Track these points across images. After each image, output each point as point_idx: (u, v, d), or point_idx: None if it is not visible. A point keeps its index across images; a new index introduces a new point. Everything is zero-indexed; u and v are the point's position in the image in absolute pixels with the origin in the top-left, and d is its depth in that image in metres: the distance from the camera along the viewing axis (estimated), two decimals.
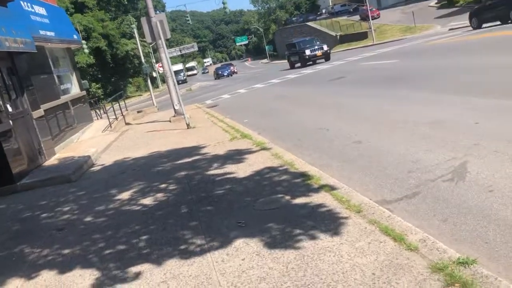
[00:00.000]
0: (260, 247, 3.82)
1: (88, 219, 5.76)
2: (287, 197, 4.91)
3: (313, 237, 3.79)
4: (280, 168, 6.20)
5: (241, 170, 6.55)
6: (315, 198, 4.71)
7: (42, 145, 10.44)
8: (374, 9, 58.29)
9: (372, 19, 50.12)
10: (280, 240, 3.85)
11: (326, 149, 7.18)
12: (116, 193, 6.83)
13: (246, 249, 3.83)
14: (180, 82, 68.61)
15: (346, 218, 4.06)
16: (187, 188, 6.22)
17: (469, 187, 4.37)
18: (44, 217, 6.33)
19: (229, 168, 6.85)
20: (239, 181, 6.01)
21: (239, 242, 3.99)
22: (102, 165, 9.68)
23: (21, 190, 8.45)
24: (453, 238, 3.55)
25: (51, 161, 10.55)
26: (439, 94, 9.11)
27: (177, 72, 73.01)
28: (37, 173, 9.27)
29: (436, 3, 51.96)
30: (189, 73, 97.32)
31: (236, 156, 7.62)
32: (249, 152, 7.70)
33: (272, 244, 3.83)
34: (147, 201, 5.99)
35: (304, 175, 5.58)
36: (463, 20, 35.97)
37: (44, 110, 11.33)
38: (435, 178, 4.81)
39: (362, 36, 52.73)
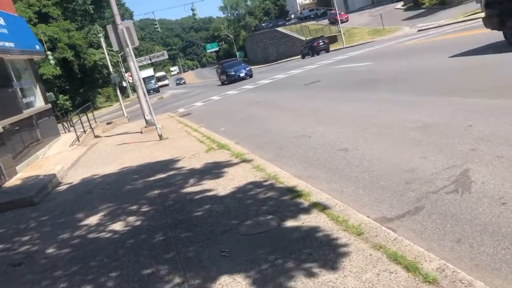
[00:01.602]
0: (249, 284, 3.27)
1: (51, 250, 5.09)
2: (276, 219, 4.37)
3: (310, 269, 3.26)
4: (265, 183, 5.66)
5: (221, 186, 5.99)
6: (308, 219, 4.18)
7: (1, 165, 9.62)
8: (342, 13, 58.70)
9: (341, 23, 50.40)
10: (272, 275, 3.31)
11: (311, 159, 6.69)
12: (82, 217, 6.16)
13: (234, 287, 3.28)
14: (152, 91, 64.66)
15: (346, 243, 3.55)
16: (162, 209, 5.62)
17: (478, 200, 3.93)
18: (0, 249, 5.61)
19: (208, 184, 6.27)
20: (220, 199, 5.44)
21: (224, 278, 3.43)
22: (68, 184, 8.95)
23: None
24: (473, 264, 3.08)
25: (12, 181, 9.74)
26: (422, 96, 8.76)
27: (147, 79, 67.14)
28: None
29: (402, 5, 52.68)
30: (160, 83, 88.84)
31: (214, 169, 7.05)
32: (228, 164, 7.15)
33: (262, 280, 3.28)
34: (117, 226, 5.35)
35: (292, 191, 5.06)
36: (430, 21, 36.50)
37: (3, 127, 10.49)
38: (437, 190, 4.36)
39: (332, 39, 52.87)
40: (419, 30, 31.78)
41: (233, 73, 33.22)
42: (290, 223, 4.21)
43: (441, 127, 6.33)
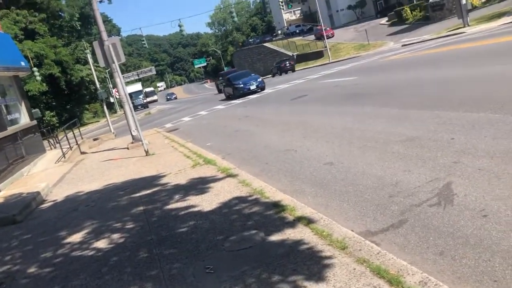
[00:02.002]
0: None
1: (32, 270, 4.99)
2: (261, 234, 4.36)
3: (295, 284, 3.25)
4: (250, 198, 5.66)
5: (206, 202, 5.96)
6: (293, 234, 4.18)
7: None
8: (328, 29, 59.50)
9: (327, 38, 51.03)
10: None
11: (297, 173, 6.71)
12: (66, 235, 6.07)
13: None
14: (140, 107, 62.25)
15: (330, 257, 3.54)
16: (146, 226, 5.56)
17: (460, 212, 3.97)
18: None
19: (193, 200, 6.24)
20: (205, 215, 5.42)
21: None
22: (53, 201, 8.83)
23: None
24: (456, 277, 3.10)
25: None
26: (406, 110, 8.87)
27: (135, 95, 64.19)
28: None
29: (387, 21, 53.59)
30: (149, 99, 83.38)
31: (200, 185, 7.02)
32: (214, 180, 7.13)
33: None
34: (101, 244, 5.28)
35: (277, 205, 5.06)
36: (414, 36, 37.14)
37: None
38: (420, 203, 4.40)
39: (318, 55, 53.54)
40: (403, 45, 32.29)
41: (241, 85, 27.30)
42: (275, 238, 4.20)
43: (424, 141, 6.41)
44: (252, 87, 26.93)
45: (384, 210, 4.48)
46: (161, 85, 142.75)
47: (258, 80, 27.76)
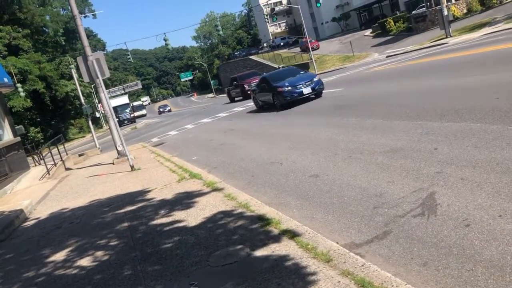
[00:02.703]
0: None
1: None
2: (246, 249, 4.33)
3: None
4: (235, 212, 5.63)
5: (191, 217, 5.92)
6: (278, 248, 4.16)
7: None
8: (313, 41, 60.06)
9: (312, 50, 51.47)
10: None
11: (283, 185, 6.70)
12: (49, 253, 5.97)
13: None
14: (126, 121, 58.92)
15: (315, 271, 3.53)
16: (131, 242, 5.50)
17: (443, 222, 3.99)
18: None
19: (178, 215, 6.19)
20: (190, 230, 5.37)
21: None
22: (36, 219, 8.69)
23: None
24: (439, 287, 3.10)
25: None
26: (391, 121, 8.95)
27: (120, 108, 60.85)
28: None
29: (371, 33, 54.27)
30: (137, 113, 77.68)
31: (185, 200, 6.97)
32: (200, 194, 7.09)
33: None
34: (85, 262, 5.20)
35: (262, 219, 5.04)
36: (398, 47, 37.67)
37: None
38: (404, 214, 4.41)
39: (304, 67, 53.67)
40: (387, 56, 32.70)
41: (288, 88, 17.56)
42: (259, 252, 4.18)
43: (408, 151, 6.46)
44: (306, 91, 17.26)
45: (368, 222, 4.49)
46: (146, 99, 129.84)
47: (314, 79, 17.99)
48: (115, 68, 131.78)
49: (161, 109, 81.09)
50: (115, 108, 44.23)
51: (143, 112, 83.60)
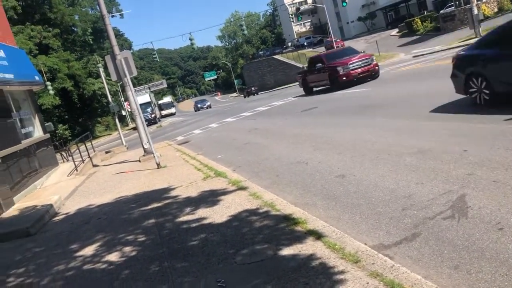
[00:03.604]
0: None
1: (45, 282, 5.02)
2: (272, 247, 4.33)
3: None
4: (260, 211, 5.64)
5: (217, 215, 5.95)
6: (304, 247, 4.15)
7: None
8: (338, 40, 59.64)
9: None
10: None
11: (308, 185, 6.67)
12: (78, 248, 6.10)
13: None
14: (147, 122, 53.43)
15: (343, 271, 3.51)
16: (158, 239, 5.57)
17: (474, 225, 3.91)
18: None
19: (204, 212, 6.24)
20: (216, 228, 5.41)
21: None
22: (65, 214, 8.89)
23: None
24: None
25: (9, 212, 9.68)
26: (418, 122, 8.81)
27: (143, 107, 57.55)
28: None
29: (397, 32, 53.53)
30: (164, 112, 71.24)
31: (210, 197, 7.02)
32: (225, 192, 7.12)
33: None
34: (113, 257, 5.29)
35: (288, 219, 5.03)
36: (425, 47, 37.03)
37: (2, 157, 10.52)
38: (434, 216, 4.34)
39: None
40: (414, 56, 32.17)
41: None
42: (286, 251, 4.17)
43: (436, 152, 6.35)
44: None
45: (397, 223, 4.43)
46: (167, 99, 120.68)
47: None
48: (141, 67, 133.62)
49: (198, 105, 66.99)
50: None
51: (172, 110, 74.72)
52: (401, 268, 3.35)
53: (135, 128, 21.54)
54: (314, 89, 25.12)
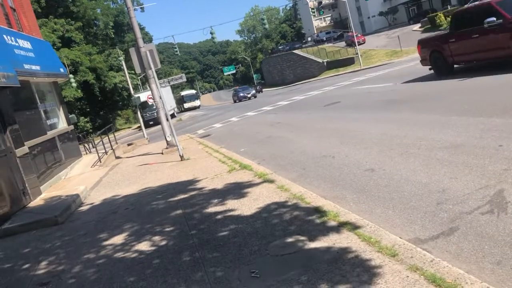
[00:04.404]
0: None
1: (76, 270, 5.07)
2: (304, 240, 4.29)
3: None
4: (289, 203, 5.60)
5: (245, 206, 5.94)
6: (338, 239, 4.10)
7: (26, 185, 9.75)
8: (359, 35, 58.98)
9: (358, 45, 50.56)
10: None
11: (336, 179, 6.60)
12: (107, 237, 6.16)
13: None
14: (151, 122, 41.44)
15: (380, 264, 3.45)
16: (187, 229, 5.58)
17: None
18: (26, 268, 5.62)
19: (232, 204, 6.23)
20: (245, 219, 5.39)
21: None
22: (91, 204, 9.00)
23: (3, 236, 7.72)
24: None
25: (37, 201, 9.85)
26: (448, 116, 8.63)
27: (147, 104, 41.36)
28: (21, 216, 8.55)
29: (420, 27, 52.64)
30: (187, 105, 65.08)
31: (237, 190, 7.01)
32: (251, 185, 7.10)
33: None
34: (143, 246, 5.32)
35: (319, 211, 4.98)
36: None
37: (29, 147, 10.70)
38: (471, 210, 4.24)
39: (349, 61, 53.14)
40: None
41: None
42: (319, 243, 4.13)
43: (469, 147, 6.20)
44: None
45: (432, 218, 4.34)
46: (191, 91, 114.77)
47: None
48: (160, 61, 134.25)
49: (240, 94, 53.42)
50: (141, 104, 37.02)
51: (196, 103, 67.54)
52: (441, 262, 3.28)
53: (139, 127, 21.02)
54: (458, 65, 14.92)
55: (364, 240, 3.95)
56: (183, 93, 73.00)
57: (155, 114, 38.18)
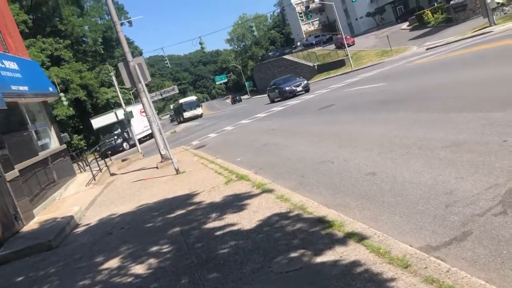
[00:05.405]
0: None
1: None
2: (310, 253, 4.06)
3: None
4: (291, 214, 5.36)
5: (245, 220, 5.69)
6: (345, 252, 3.86)
7: (18, 209, 9.45)
8: (348, 37, 59.08)
9: (347, 47, 50.62)
10: None
11: (337, 185, 6.38)
12: (103, 260, 5.89)
13: None
14: (110, 152, 26.35)
15: (393, 278, 3.21)
16: (185, 248, 5.33)
17: None
18: None
19: (231, 218, 5.98)
20: (246, 234, 5.14)
21: None
22: (86, 225, 8.73)
23: None
24: None
25: (30, 225, 9.56)
26: (446, 114, 8.45)
27: (113, 129, 36.58)
28: (14, 242, 8.26)
29: (408, 26, 52.82)
30: (187, 114, 58.47)
31: (236, 202, 6.77)
32: (250, 196, 6.86)
33: None
34: (140, 269, 5.06)
35: (323, 221, 4.75)
36: (438, 39, 36.37)
37: (20, 170, 10.41)
38: (483, 212, 4.02)
39: (340, 64, 53.12)
40: (427, 49, 31.61)
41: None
42: (326, 257, 3.89)
43: (473, 144, 6.00)
44: None
45: (443, 222, 4.12)
46: (191, 97, 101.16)
47: None
48: (152, 74, 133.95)
49: (286, 88, 52.45)
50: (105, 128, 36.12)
51: (198, 111, 60.08)
52: (459, 272, 3.05)
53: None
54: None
55: (373, 251, 3.72)
56: (182, 100, 65.17)
57: (113, 142, 33.81)
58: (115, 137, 35.33)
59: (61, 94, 37.64)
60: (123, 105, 27.14)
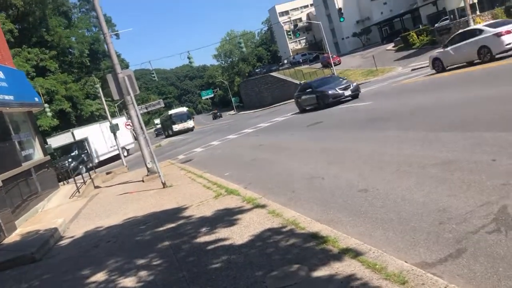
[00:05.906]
0: None
1: None
2: (305, 268, 4.02)
3: None
4: (284, 229, 5.32)
5: (236, 235, 5.63)
6: (341, 268, 3.83)
7: (0, 220, 9.21)
8: (334, 56, 59.85)
9: (334, 65, 51.24)
10: None
11: (329, 201, 6.37)
12: (89, 273, 5.75)
13: None
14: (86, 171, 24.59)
15: None
16: (175, 262, 5.23)
17: None
18: None
19: (222, 232, 5.91)
20: (238, 249, 5.08)
21: None
22: (71, 237, 8.54)
23: None
24: None
25: (12, 237, 9.32)
26: (435, 132, 8.55)
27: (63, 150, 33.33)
28: None
29: (393, 47, 53.77)
30: (177, 127, 54.30)
31: (226, 217, 6.70)
32: (241, 211, 6.81)
33: None
34: (129, 283, 4.95)
35: (316, 237, 4.72)
36: (422, 60, 37.08)
37: (2, 180, 10.19)
38: (477, 230, 4.05)
39: None
40: (412, 69, 32.18)
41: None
42: (321, 272, 3.86)
43: (462, 163, 6.07)
44: None
45: (437, 239, 4.13)
46: (182, 109, 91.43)
47: None
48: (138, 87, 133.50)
49: (329, 92, 54.14)
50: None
51: (189, 124, 55.63)
52: None
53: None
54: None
55: (368, 267, 3.70)
56: (172, 112, 59.67)
57: (67, 164, 28.33)
58: (69, 159, 30.27)
59: (46, 105, 37.17)
60: (109, 117, 26.90)
